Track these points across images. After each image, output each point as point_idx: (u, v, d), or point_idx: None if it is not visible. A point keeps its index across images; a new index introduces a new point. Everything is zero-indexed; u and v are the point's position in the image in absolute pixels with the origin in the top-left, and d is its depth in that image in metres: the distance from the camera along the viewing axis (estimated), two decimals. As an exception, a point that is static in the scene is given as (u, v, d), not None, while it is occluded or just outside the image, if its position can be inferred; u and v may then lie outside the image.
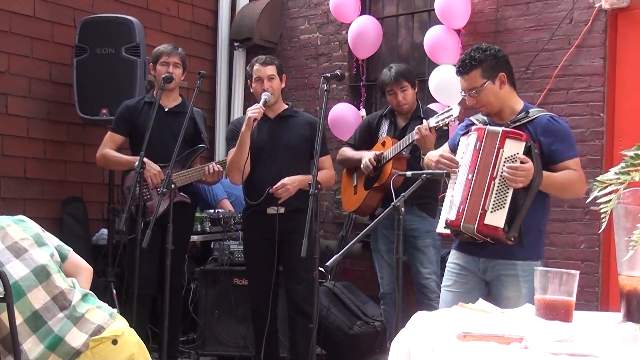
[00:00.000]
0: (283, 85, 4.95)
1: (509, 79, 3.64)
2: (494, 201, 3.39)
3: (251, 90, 4.98)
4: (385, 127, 5.13)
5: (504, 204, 3.39)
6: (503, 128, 3.47)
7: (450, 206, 3.55)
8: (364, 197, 5.04)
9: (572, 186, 3.56)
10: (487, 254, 3.58)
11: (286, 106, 4.99)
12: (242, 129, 4.67)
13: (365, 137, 5.20)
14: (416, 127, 4.53)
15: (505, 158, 3.40)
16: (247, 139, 4.68)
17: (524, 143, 3.41)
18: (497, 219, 3.39)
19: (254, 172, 4.79)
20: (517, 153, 3.40)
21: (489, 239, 3.46)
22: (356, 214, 5.46)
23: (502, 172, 3.39)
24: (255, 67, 4.85)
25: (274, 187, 4.69)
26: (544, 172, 3.45)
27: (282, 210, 4.73)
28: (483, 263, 3.61)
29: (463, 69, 3.63)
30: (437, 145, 4.33)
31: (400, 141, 4.81)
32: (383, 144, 5.01)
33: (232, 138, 4.89)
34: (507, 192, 3.40)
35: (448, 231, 3.61)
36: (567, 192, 3.65)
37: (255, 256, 4.90)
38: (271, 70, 4.83)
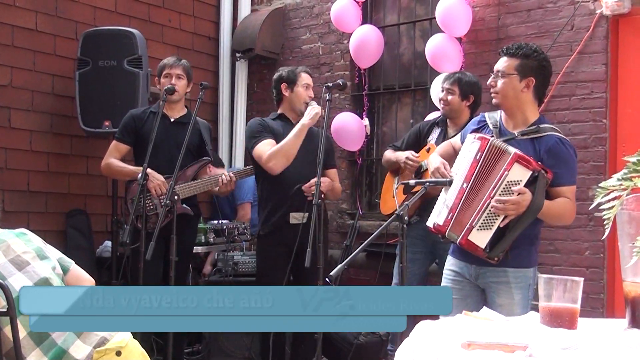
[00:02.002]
0: None
1: (536, 89, 3.60)
2: (483, 220, 3.41)
3: (285, 94, 4.97)
4: (435, 134, 5.04)
5: (492, 226, 3.40)
6: (516, 151, 3.42)
7: (441, 210, 3.56)
8: (401, 202, 5.00)
9: (563, 217, 3.59)
10: (478, 261, 3.57)
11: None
12: (306, 121, 4.73)
13: (413, 142, 5.11)
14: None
15: (508, 182, 3.39)
16: (304, 133, 4.73)
17: (531, 172, 3.38)
18: (480, 238, 3.41)
19: (283, 175, 4.76)
20: (520, 180, 3.38)
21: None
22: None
23: (499, 195, 3.39)
24: (303, 75, 4.97)
25: (308, 183, 4.64)
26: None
27: (303, 219, 4.68)
28: (475, 270, 3.62)
29: (508, 51, 3.62)
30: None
31: None
32: (428, 150, 4.94)
33: (261, 131, 4.88)
34: (498, 216, 3.41)
35: None
36: (558, 222, 3.70)
37: (272, 267, 4.82)
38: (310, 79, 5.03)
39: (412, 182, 3.81)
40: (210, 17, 7.34)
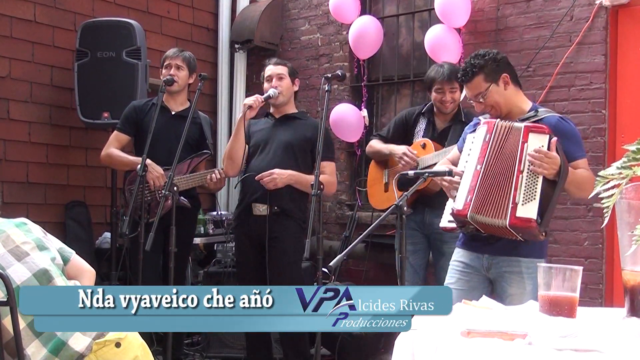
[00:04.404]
0: (296, 89, 4.94)
1: (513, 79, 3.64)
2: (525, 194, 3.38)
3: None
4: (422, 125, 4.96)
5: (534, 195, 3.37)
6: (525, 123, 3.46)
7: (458, 196, 3.55)
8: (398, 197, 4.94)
9: (587, 184, 3.51)
10: (491, 251, 3.57)
11: (296, 110, 4.97)
12: (238, 117, 4.71)
13: (400, 132, 5.02)
14: None
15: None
16: (241, 128, 4.67)
17: (547, 136, 3.39)
18: (529, 210, 3.36)
19: (249, 167, 4.78)
20: (542, 146, 3.38)
21: (519, 236, 3.44)
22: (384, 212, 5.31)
23: (528, 165, 3.38)
24: (267, 67, 4.89)
25: (261, 174, 4.63)
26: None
27: (266, 211, 4.69)
28: (487, 260, 3.61)
29: (465, 77, 3.64)
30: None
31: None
32: (423, 146, 4.86)
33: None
34: (537, 184, 3.38)
35: (452, 225, 3.61)
36: (582, 190, 3.63)
37: (244, 260, 4.88)
38: (281, 69, 4.86)
39: (410, 172, 3.80)
40: (209, 8, 7.32)
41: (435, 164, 4.66)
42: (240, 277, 5.00)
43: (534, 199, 3.37)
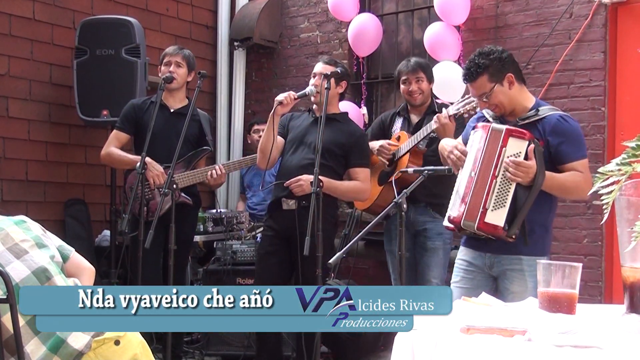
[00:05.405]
0: (340, 90, 4.79)
1: (517, 78, 3.60)
2: (495, 200, 3.39)
3: None
4: (398, 123, 5.03)
5: (505, 202, 3.38)
6: (507, 126, 3.43)
7: (454, 202, 3.55)
8: (378, 193, 4.96)
9: (575, 188, 3.51)
10: (493, 249, 3.56)
11: (339, 111, 4.88)
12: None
13: (378, 135, 5.08)
14: (435, 116, 4.48)
15: (508, 157, 3.39)
16: (271, 123, 4.63)
17: (527, 142, 3.38)
18: (497, 217, 3.38)
19: (281, 163, 4.80)
20: (520, 152, 3.37)
21: (490, 236, 3.46)
22: (368, 212, 5.33)
23: (503, 171, 3.38)
24: (316, 64, 4.83)
25: (289, 181, 4.62)
26: (547, 172, 3.44)
27: (294, 205, 4.68)
28: (489, 258, 3.60)
29: (470, 76, 3.59)
30: (456, 135, 4.32)
31: (418, 132, 4.74)
32: (398, 138, 4.93)
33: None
34: (509, 191, 3.38)
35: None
36: (570, 194, 3.63)
37: (264, 251, 4.84)
38: (327, 69, 4.69)
39: (410, 170, 3.80)
40: (208, 5, 7.32)
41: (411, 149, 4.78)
42: (258, 268, 4.94)
43: (504, 205, 3.38)
